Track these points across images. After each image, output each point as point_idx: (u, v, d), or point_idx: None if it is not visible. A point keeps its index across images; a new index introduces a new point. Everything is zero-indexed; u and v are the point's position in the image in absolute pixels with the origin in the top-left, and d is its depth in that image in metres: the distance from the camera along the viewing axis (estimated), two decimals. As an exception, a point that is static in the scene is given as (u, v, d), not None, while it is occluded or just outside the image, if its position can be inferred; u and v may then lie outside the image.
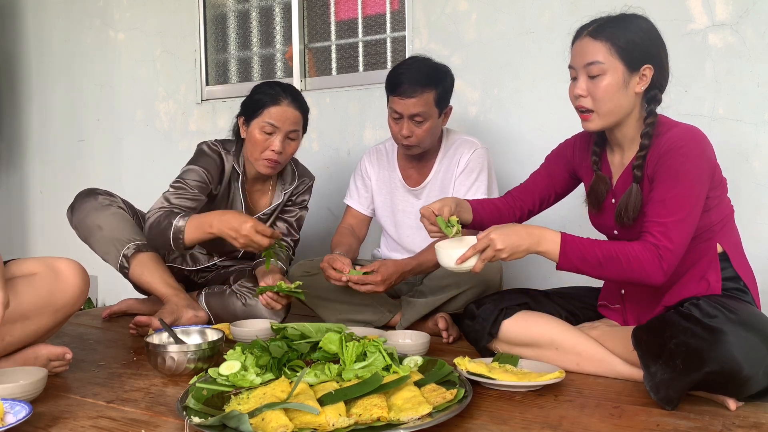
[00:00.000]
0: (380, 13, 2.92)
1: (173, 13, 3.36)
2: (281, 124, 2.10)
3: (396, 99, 2.04)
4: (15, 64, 3.93)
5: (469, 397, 1.32)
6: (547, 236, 1.50)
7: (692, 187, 1.45)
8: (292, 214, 2.35)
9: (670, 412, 1.34)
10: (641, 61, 1.51)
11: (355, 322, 2.11)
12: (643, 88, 1.53)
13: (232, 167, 2.24)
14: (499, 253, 1.50)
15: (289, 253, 2.32)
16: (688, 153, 1.46)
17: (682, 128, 1.52)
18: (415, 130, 2.05)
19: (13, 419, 1.23)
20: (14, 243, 3.99)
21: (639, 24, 1.53)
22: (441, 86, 2.05)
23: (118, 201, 2.27)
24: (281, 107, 2.10)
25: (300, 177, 2.35)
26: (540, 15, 2.47)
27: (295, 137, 2.16)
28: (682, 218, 1.43)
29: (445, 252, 1.56)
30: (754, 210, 2.14)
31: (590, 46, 1.53)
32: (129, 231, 2.19)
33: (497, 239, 1.49)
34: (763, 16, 2.12)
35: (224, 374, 1.43)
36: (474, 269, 1.55)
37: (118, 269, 2.18)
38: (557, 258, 1.50)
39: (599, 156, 1.68)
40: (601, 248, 1.46)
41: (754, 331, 1.30)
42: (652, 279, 1.43)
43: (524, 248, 1.50)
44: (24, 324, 1.53)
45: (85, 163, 3.70)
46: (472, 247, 1.53)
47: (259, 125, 2.11)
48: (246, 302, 2.19)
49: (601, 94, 1.52)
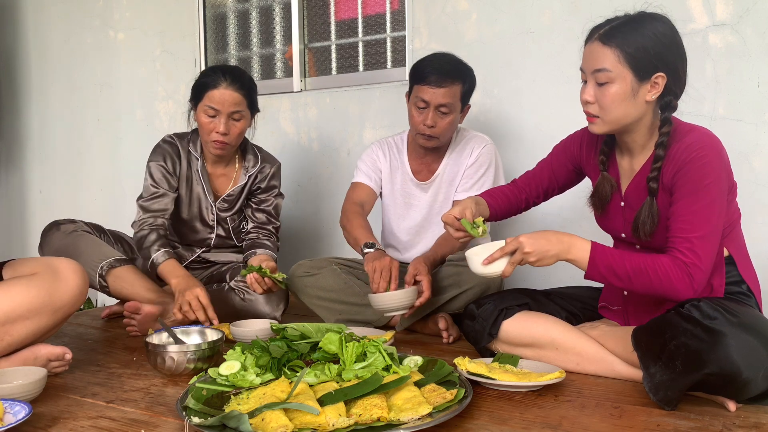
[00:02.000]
0: (380, 12, 2.92)
1: (173, 13, 3.36)
2: (221, 106, 2.15)
3: (425, 88, 2.05)
4: (15, 64, 3.92)
5: (469, 397, 1.32)
6: (577, 244, 1.49)
7: (715, 199, 1.43)
8: (268, 203, 2.39)
9: (670, 413, 1.34)
10: (653, 69, 1.45)
11: (355, 322, 2.11)
12: (654, 96, 1.48)
13: (189, 152, 2.31)
14: (527, 257, 1.49)
15: (274, 240, 2.37)
16: (709, 164, 1.43)
17: (698, 135, 1.48)
18: (438, 120, 2.07)
19: (12, 419, 1.23)
20: (14, 243, 3.99)
21: (655, 28, 1.45)
22: (468, 81, 2.09)
23: (81, 225, 2.32)
24: (219, 90, 2.15)
25: (263, 161, 2.38)
26: (540, 15, 2.47)
27: (239, 117, 2.19)
28: (708, 233, 1.42)
29: (475, 257, 1.57)
30: (754, 210, 2.13)
31: (599, 51, 1.47)
32: (99, 251, 2.22)
33: (526, 243, 1.49)
34: (763, 16, 2.12)
35: (224, 374, 1.43)
36: (503, 273, 1.55)
37: (99, 290, 2.21)
38: (585, 267, 1.49)
39: (607, 156, 1.65)
40: (631, 261, 1.44)
41: (755, 334, 1.29)
42: (681, 296, 1.42)
43: (553, 254, 1.49)
44: (23, 324, 1.52)
45: (85, 163, 3.70)
46: (500, 249, 1.53)
47: (203, 109, 2.18)
48: (244, 297, 2.22)
49: (607, 103, 1.48)
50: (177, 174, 2.29)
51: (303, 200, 3.06)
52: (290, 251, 3.02)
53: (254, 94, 2.27)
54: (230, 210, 2.37)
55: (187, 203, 2.34)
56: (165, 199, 2.25)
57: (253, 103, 2.26)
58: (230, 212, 2.37)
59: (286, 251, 3.02)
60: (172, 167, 2.27)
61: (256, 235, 2.35)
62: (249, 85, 2.24)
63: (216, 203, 2.34)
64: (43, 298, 1.54)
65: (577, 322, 1.75)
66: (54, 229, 2.29)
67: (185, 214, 2.35)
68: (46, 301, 1.55)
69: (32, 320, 1.54)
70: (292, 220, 3.05)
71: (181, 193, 2.32)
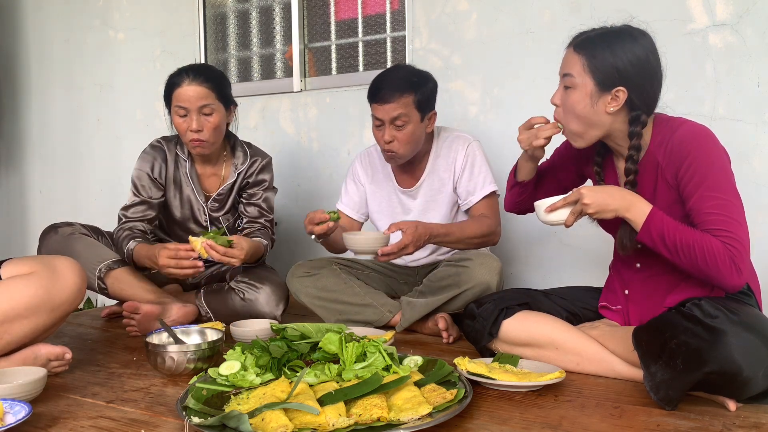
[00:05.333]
0: (380, 12, 2.92)
1: (173, 13, 3.36)
2: (188, 102, 2.14)
3: (376, 105, 2.08)
4: (15, 64, 3.92)
5: (469, 397, 1.32)
6: (638, 204, 1.49)
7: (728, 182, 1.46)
8: (257, 197, 2.37)
9: (670, 413, 1.34)
10: (613, 83, 1.51)
11: (354, 322, 2.11)
12: (613, 109, 1.53)
13: (176, 155, 2.31)
14: (586, 208, 1.50)
15: (267, 232, 2.35)
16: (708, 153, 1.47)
17: (689, 128, 1.51)
18: (396, 134, 2.07)
19: (12, 419, 1.23)
20: (14, 243, 3.98)
21: (627, 46, 1.50)
22: (420, 90, 2.07)
23: (79, 227, 2.31)
24: (183, 88, 2.15)
25: (252, 156, 2.37)
26: (540, 15, 2.47)
27: (209, 111, 2.17)
28: (742, 224, 1.44)
29: (541, 205, 1.59)
30: (754, 210, 2.13)
31: (570, 57, 1.57)
32: (97, 253, 2.22)
33: (586, 193, 1.50)
34: (763, 16, 2.12)
35: (224, 374, 1.43)
36: (566, 222, 1.56)
37: (98, 292, 2.22)
38: (639, 228, 1.49)
39: (601, 167, 1.70)
40: (683, 235, 1.43)
41: (755, 333, 1.29)
42: (726, 280, 1.41)
43: (613, 208, 1.50)
44: (22, 322, 1.53)
45: (85, 163, 3.70)
46: (563, 198, 1.54)
47: (174, 111, 2.19)
48: (245, 297, 2.22)
49: (568, 106, 1.57)
50: (164, 178, 2.29)
51: (303, 200, 3.05)
52: (289, 251, 3.02)
53: (224, 86, 2.23)
54: (222, 209, 2.36)
55: (178, 205, 2.33)
56: (143, 206, 2.25)
57: (225, 95, 2.22)
58: (222, 211, 2.36)
59: (286, 251, 3.02)
60: (158, 172, 2.27)
61: (250, 230, 2.34)
62: (215, 77, 2.21)
63: (207, 203, 2.34)
64: (41, 297, 1.54)
65: (577, 322, 1.75)
66: (51, 233, 2.29)
67: (178, 216, 2.35)
68: (44, 300, 1.55)
69: (31, 319, 1.54)
70: (291, 220, 3.05)
71: (169, 196, 2.31)
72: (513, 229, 2.54)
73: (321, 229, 1.94)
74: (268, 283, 2.25)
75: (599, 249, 2.23)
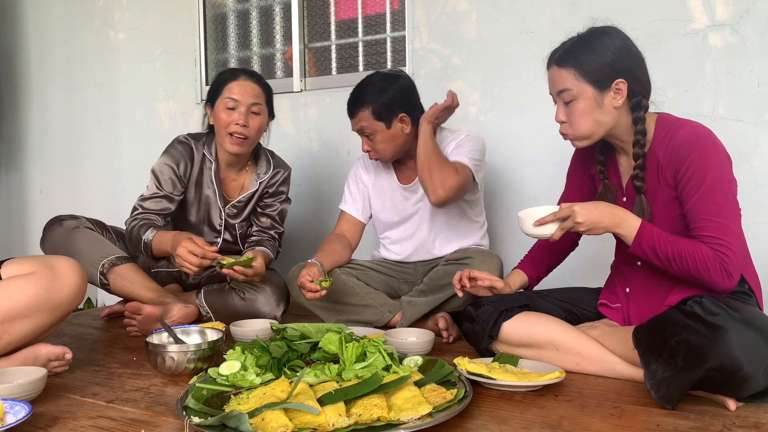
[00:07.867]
0: (380, 12, 2.92)
1: (173, 13, 3.36)
2: (241, 97, 2.16)
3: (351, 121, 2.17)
4: (15, 64, 3.93)
5: (469, 397, 1.32)
6: (628, 220, 1.52)
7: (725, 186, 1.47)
8: (273, 208, 2.38)
9: (670, 412, 1.34)
10: (610, 77, 1.54)
11: (355, 322, 2.12)
12: (620, 101, 1.55)
13: (203, 155, 2.29)
14: (578, 226, 1.53)
15: (275, 244, 2.36)
16: (707, 155, 1.48)
17: (690, 128, 1.52)
18: (371, 144, 2.15)
19: (12, 419, 1.23)
20: (14, 243, 3.98)
21: (603, 41, 1.55)
22: (377, 101, 2.09)
23: (83, 221, 2.29)
24: (239, 81, 2.18)
25: (275, 167, 2.37)
26: (540, 15, 2.47)
27: (258, 111, 2.20)
28: (735, 230, 1.46)
29: (527, 217, 1.59)
30: (754, 210, 2.13)
31: (557, 74, 1.59)
32: (100, 248, 2.21)
33: (579, 212, 1.52)
34: (763, 16, 2.12)
35: (224, 374, 1.43)
36: (552, 237, 1.57)
37: (100, 287, 2.20)
38: (631, 242, 1.52)
39: (605, 165, 1.72)
40: (674, 246, 1.48)
41: (756, 330, 1.29)
42: (717, 285, 1.45)
43: (604, 226, 1.53)
44: (22, 322, 1.53)
45: (85, 163, 3.70)
46: (553, 214, 1.55)
47: (222, 102, 2.18)
48: (245, 296, 2.22)
49: (575, 118, 1.58)
50: (187, 177, 2.27)
51: (303, 200, 3.05)
52: (289, 251, 3.02)
53: (271, 96, 2.28)
54: (239, 216, 2.35)
55: (195, 206, 2.32)
56: (164, 202, 2.23)
57: (271, 103, 2.28)
58: (239, 218, 2.35)
59: (286, 251, 3.02)
60: (183, 170, 2.25)
61: (259, 239, 2.34)
62: (267, 85, 2.28)
63: (225, 208, 2.33)
64: (41, 296, 1.54)
65: (576, 322, 1.75)
66: (56, 225, 2.27)
67: (193, 218, 2.33)
68: (44, 299, 1.55)
69: (31, 318, 1.54)
70: (291, 220, 3.04)
71: (189, 196, 2.30)
72: (513, 229, 2.54)
73: (313, 297, 1.97)
74: (269, 284, 2.25)
75: (599, 249, 2.23)
